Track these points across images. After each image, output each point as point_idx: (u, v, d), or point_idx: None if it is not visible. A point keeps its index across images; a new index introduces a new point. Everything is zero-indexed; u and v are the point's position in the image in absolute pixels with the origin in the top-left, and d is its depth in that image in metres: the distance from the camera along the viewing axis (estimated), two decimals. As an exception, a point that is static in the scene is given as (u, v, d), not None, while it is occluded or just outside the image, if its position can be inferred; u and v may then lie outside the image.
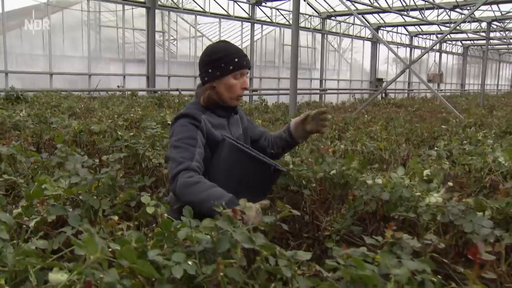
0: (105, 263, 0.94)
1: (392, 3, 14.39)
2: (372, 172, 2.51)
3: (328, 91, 18.14)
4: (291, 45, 8.55)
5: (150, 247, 1.13)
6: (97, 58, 12.40)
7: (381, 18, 19.65)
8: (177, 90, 12.23)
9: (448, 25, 19.99)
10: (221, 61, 1.92)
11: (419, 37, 23.85)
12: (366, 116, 6.93)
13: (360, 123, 6.06)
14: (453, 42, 28.09)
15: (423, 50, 25.23)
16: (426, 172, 2.22)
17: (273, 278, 1.12)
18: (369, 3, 13.12)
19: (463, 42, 28.28)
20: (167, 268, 1.04)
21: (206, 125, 1.89)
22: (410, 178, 2.21)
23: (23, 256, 0.86)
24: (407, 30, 22.93)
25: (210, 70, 1.94)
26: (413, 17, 15.60)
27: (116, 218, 1.35)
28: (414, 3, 14.39)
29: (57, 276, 0.96)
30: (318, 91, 18.01)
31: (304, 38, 17.83)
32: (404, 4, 14.38)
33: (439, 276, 1.06)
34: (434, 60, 23.73)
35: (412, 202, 2.03)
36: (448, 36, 25.91)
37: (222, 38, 15.24)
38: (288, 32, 16.96)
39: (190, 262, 1.07)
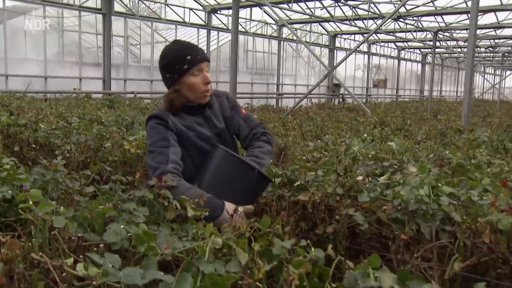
0: None
1: (335, 12, 15.27)
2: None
3: (285, 95, 18.90)
4: (230, 50, 9.22)
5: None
6: (59, 62, 12.76)
7: (338, 27, 20.58)
8: (132, 93, 12.76)
9: (403, 33, 21.16)
10: (175, 62, 1.91)
11: (376, 44, 24.93)
12: (291, 117, 7.65)
13: (281, 123, 6.74)
14: (412, 50, 29.42)
15: (381, 58, 26.50)
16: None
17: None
18: (310, 13, 13.91)
19: (422, 50, 29.66)
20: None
21: (175, 124, 1.92)
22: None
23: None
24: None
25: (168, 75, 1.96)
26: (359, 27, 16.57)
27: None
28: (357, 13, 15.32)
29: None
30: (274, 96, 18.77)
31: (266, 44, 18.56)
32: (350, 14, 15.32)
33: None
34: (379, 67, 24.84)
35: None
36: (406, 44, 27.24)
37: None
38: (250, 39, 17.68)
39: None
